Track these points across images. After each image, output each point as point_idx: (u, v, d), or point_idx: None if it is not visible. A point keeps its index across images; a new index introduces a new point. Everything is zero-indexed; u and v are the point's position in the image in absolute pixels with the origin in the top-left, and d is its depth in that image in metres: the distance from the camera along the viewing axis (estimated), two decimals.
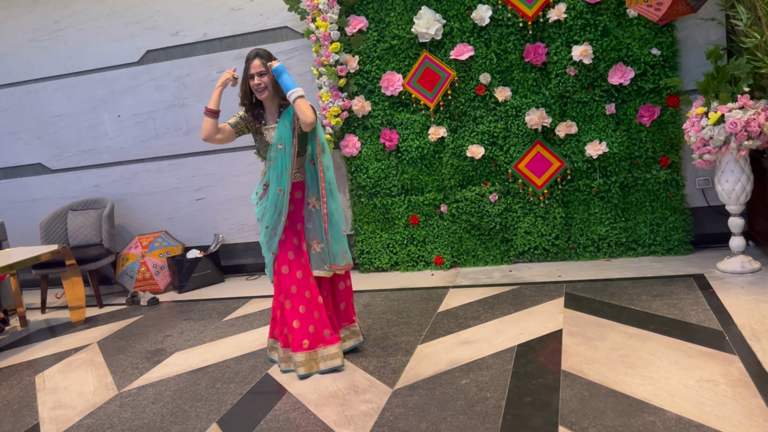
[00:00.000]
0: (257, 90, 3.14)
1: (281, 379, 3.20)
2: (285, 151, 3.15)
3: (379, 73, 4.79)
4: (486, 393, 2.76)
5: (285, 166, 3.16)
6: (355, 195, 5.02)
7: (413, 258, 4.95)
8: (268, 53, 3.17)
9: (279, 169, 3.17)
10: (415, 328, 3.67)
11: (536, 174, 4.57)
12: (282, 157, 3.16)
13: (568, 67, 4.42)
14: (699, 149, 3.83)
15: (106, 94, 5.58)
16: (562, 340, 3.21)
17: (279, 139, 3.16)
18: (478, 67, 4.59)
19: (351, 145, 4.90)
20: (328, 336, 3.20)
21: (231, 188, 5.43)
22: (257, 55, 3.14)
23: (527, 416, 2.52)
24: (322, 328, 3.20)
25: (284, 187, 3.17)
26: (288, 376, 3.22)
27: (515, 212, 4.69)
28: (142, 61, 5.45)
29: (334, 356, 3.20)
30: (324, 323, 3.21)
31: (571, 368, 2.88)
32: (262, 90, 3.14)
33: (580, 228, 4.60)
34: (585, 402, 2.56)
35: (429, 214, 4.87)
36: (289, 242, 3.24)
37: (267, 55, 3.15)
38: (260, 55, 3.14)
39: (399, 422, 2.61)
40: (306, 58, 5.01)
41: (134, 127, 5.56)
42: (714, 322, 3.19)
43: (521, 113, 4.55)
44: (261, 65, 3.12)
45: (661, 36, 4.26)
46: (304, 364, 3.17)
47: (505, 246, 4.75)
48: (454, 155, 4.73)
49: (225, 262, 5.56)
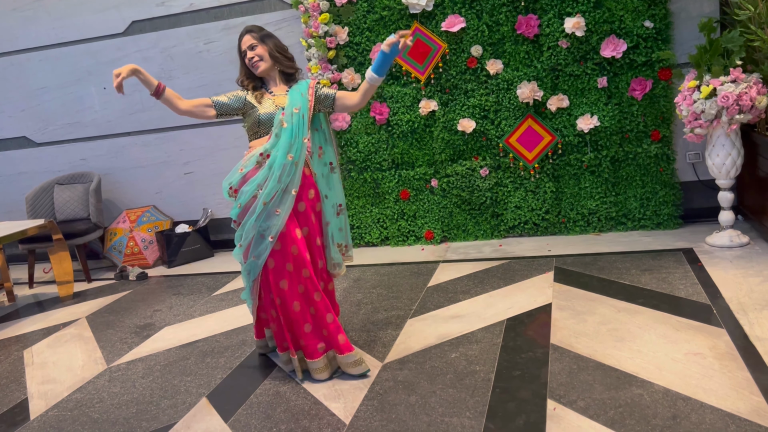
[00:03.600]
0: (253, 65, 2.92)
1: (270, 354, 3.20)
2: (303, 118, 2.88)
3: (369, 44, 4.71)
4: (475, 366, 2.77)
5: (302, 134, 2.86)
6: (345, 169, 4.98)
7: (403, 233, 4.94)
8: (258, 27, 2.99)
9: (292, 136, 2.84)
10: (405, 303, 3.67)
11: (527, 148, 4.55)
12: (298, 124, 2.86)
13: (561, 39, 4.36)
14: (690, 123, 3.81)
15: (92, 65, 5.47)
16: (552, 314, 3.22)
17: (294, 104, 2.89)
18: (469, 39, 4.53)
19: (341, 119, 4.85)
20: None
21: (219, 162, 5.37)
22: (248, 31, 2.96)
23: (516, 389, 2.54)
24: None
25: (297, 155, 2.82)
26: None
27: (506, 187, 4.67)
28: (127, 32, 5.33)
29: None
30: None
31: (560, 342, 2.89)
32: (258, 62, 2.91)
33: (571, 202, 4.59)
34: (573, 375, 2.58)
35: (419, 189, 4.85)
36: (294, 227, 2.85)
37: (257, 29, 2.97)
38: (250, 30, 2.96)
39: (388, 396, 2.62)
40: (295, 30, 4.93)
41: (120, 100, 5.47)
42: (702, 296, 3.21)
43: (513, 86, 4.50)
44: (252, 38, 2.92)
45: (654, 8, 4.21)
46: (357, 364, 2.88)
47: (495, 220, 4.75)
48: (444, 129, 4.69)
49: (214, 237, 5.53)
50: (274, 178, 2.78)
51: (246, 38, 2.93)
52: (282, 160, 2.80)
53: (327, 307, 2.85)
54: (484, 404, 2.45)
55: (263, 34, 2.96)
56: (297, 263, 2.79)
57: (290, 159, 2.81)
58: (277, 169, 2.79)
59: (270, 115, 2.89)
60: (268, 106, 2.92)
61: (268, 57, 2.93)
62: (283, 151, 2.82)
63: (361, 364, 2.83)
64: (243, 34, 2.94)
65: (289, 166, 2.81)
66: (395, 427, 2.38)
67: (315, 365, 2.83)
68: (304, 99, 2.93)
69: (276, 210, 2.77)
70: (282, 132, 2.85)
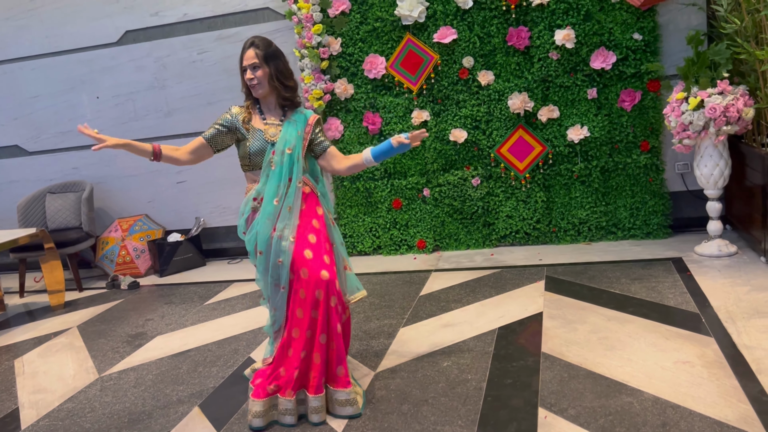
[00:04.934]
0: (251, 85, 2.68)
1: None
2: (297, 161, 2.67)
3: (362, 55, 4.75)
4: (467, 375, 2.79)
5: (292, 174, 2.66)
6: (337, 179, 5.00)
7: (396, 242, 4.96)
8: (265, 42, 2.68)
9: (281, 177, 2.65)
10: (397, 312, 3.68)
11: (518, 158, 4.59)
12: (290, 163, 2.66)
13: (551, 51, 4.42)
14: (679, 134, 3.86)
15: (85, 74, 5.48)
16: (543, 322, 3.25)
17: (287, 144, 2.66)
18: (461, 51, 4.58)
19: (334, 129, 4.88)
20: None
21: (212, 171, 5.38)
22: (252, 44, 2.66)
23: (508, 397, 2.56)
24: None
25: (290, 199, 2.64)
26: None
27: (497, 196, 4.71)
28: (121, 41, 5.35)
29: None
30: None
31: (551, 350, 2.92)
32: (256, 87, 2.67)
33: (561, 212, 4.63)
34: (564, 383, 2.60)
35: (412, 198, 4.88)
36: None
37: (264, 45, 2.67)
38: (255, 44, 2.66)
39: (381, 404, 2.63)
40: (288, 40, 4.96)
41: (113, 109, 5.48)
42: (691, 305, 3.24)
43: (504, 97, 4.55)
44: (255, 57, 2.64)
45: (643, 21, 4.28)
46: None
47: (487, 230, 4.78)
48: (437, 139, 4.73)
49: (206, 246, 5.53)
50: (262, 223, 2.62)
51: (249, 53, 2.66)
52: (269, 207, 2.63)
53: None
54: (476, 412, 2.47)
55: (269, 52, 2.67)
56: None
57: (276, 204, 2.62)
58: (265, 216, 2.62)
59: (260, 149, 2.70)
60: (258, 138, 2.71)
61: (266, 84, 2.68)
62: (270, 196, 2.63)
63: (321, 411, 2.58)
64: (247, 47, 2.67)
65: (282, 210, 2.63)
66: None
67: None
68: (300, 138, 2.70)
69: (278, 260, 2.60)
70: (271, 174, 2.66)
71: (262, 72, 2.65)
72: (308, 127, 2.74)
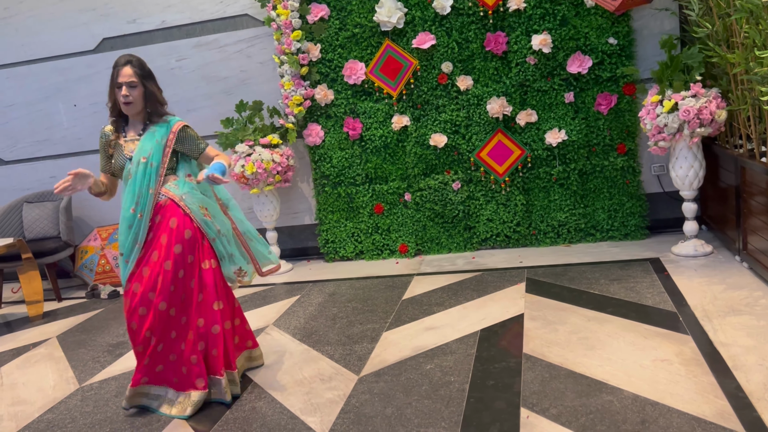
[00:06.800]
0: (124, 102, 2.75)
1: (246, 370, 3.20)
2: (151, 168, 2.78)
3: (341, 61, 4.77)
4: (450, 377, 2.81)
5: (149, 184, 2.77)
6: (319, 184, 5.01)
7: (378, 246, 4.98)
8: (141, 62, 2.80)
9: (137, 187, 2.76)
10: (380, 316, 3.70)
11: (498, 162, 4.64)
12: (144, 173, 2.77)
13: (528, 56, 4.48)
14: (654, 136, 3.93)
15: (61, 82, 5.43)
16: (524, 324, 3.28)
17: (142, 153, 2.78)
18: (440, 56, 4.62)
19: (314, 134, 4.89)
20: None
21: None
22: (128, 62, 2.75)
23: (490, 399, 2.58)
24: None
25: (145, 208, 2.76)
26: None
27: (478, 200, 4.75)
28: (98, 49, 5.31)
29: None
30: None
31: (533, 351, 2.95)
32: (130, 105, 2.76)
33: (541, 215, 4.68)
34: (546, 384, 2.63)
35: (393, 203, 4.90)
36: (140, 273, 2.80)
37: (140, 64, 2.78)
38: (132, 63, 2.75)
39: (365, 408, 2.64)
40: (267, 47, 4.96)
41: (91, 117, 5.43)
42: (669, 304, 3.30)
43: (483, 102, 4.60)
44: (133, 75, 2.73)
45: (617, 26, 4.35)
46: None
47: (468, 233, 4.81)
48: (417, 144, 4.76)
49: None
50: (125, 229, 2.79)
51: (126, 71, 2.74)
52: (125, 213, 2.79)
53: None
54: (459, 414, 2.49)
55: (145, 72, 2.80)
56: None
57: (132, 212, 2.77)
58: (127, 220, 2.78)
59: (121, 166, 2.84)
60: (119, 153, 2.84)
61: (141, 103, 2.80)
62: (127, 204, 2.78)
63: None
64: (122, 64, 2.75)
65: (137, 221, 2.77)
66: None
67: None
68: (158, 146, 2.80)
69: (126, 260, 2.81)
70: (129, 183, 2.79)
71: (138, 92, 2.76)
72: (171, 134, 2.82)
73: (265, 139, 4.71)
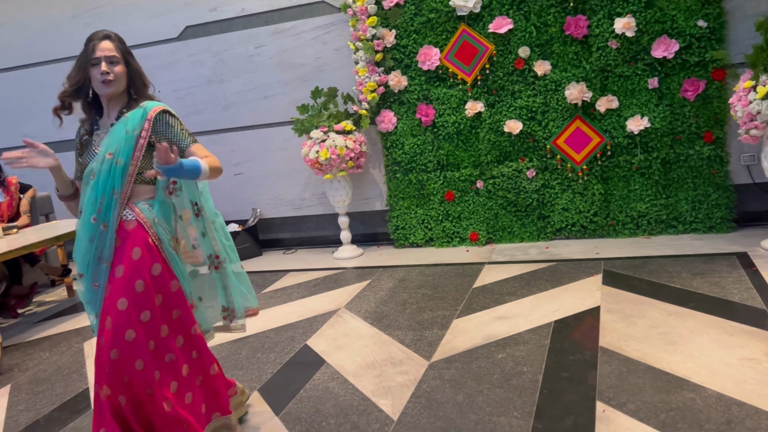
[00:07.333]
0: (102, 82, 2.18)
1: (319, 350, 3.27)
2: (117, 165, 2.16)
3: (416, 47, 4.75)
4: (522, 367, 2.77)
5: (114, 186, 2.14)
6: (390, 171, 5.03)
7: (448, 234, 4.96)
8: (120, 37, 2.26)
9: (101, 190, 2.14)
10: (450, 303, 3.69)
11: (575, 149, 4.51)
12: (110, 173, 2.15)
13: (610, 40, 4.32)
14: (745, 124, 3.72)
15: (145, 70, 5.64)
16: (600, 316, 3.19)
17: (109, 147, 2.16)
18: (517, 41, 4.52)
19: (387, 121, 4.90)
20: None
21: (268, 163, 5.49)
22: (107, 36, 2.21)
23: (564, 390, 2.53)
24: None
25: (109, 217, 2.14)
26: (327, 347, 3.28)
27: (553, 188, 4.64)
28: (180, 36, 5.51)
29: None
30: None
31: (609, 344, 2.87)
32: (109, 84, 2.18)
33: (620, 205, 4.53)
34: (623, 378, 2.56)
35: (464, 190, 4.86)
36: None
37: (120, 39, 2.25)
38: (112, 37, 2.21)
39: (436, 394, 2.64)
40: (343, 33, 5.00)
41: (173, 103, 5.64)
42: (757, 301, 3.13)
43: (561, 87, 4.47)
44: (114, 49, 2.19)
45: (707, 7, 4.13)
46: None
47: (541, 222, 4.72)
48: (491, 130, 4.69)
49: (263, 236, 5.65)
50: (84, 243, 2.18)
51: (105, 44, 2.19)
52: (88, 221, 2.17)
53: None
54: (532, 404, 2.46)
55: (126, 48, 2.26)
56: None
57: (94, 222, 2.16)
58: (86, 230, 2.17)
59: (84, 163, 2.27)
60: (88, 152, 2.27)
61: (123, 81, 2.23)
62: (88, 212, 2.17)
63: None
64: (101, 39, 2.20)
65: (100, 231, 2.16)
66: (443, 425, 2.41)
67: None
68: (129, 137, 2.16)
69: (95, 284, 2.20)
70: (91, 184, 2.18)
71: (121, 68, 2.21)
72: (146, 122, 2.17)
73: (339, 126, 4.77)
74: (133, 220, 2.18)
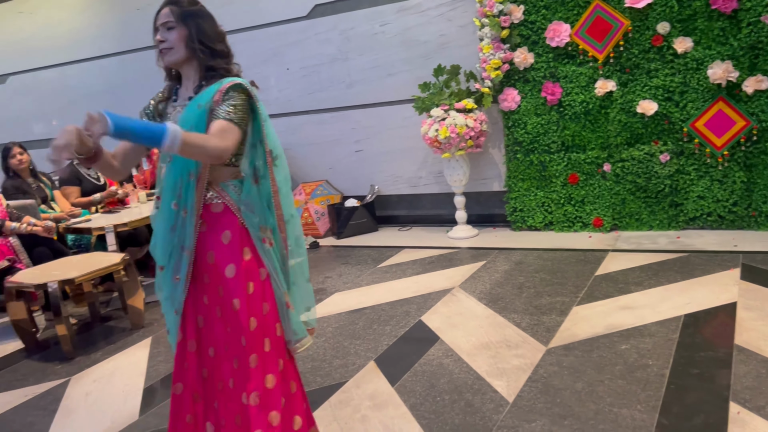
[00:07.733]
0: (160, 50, 1.94)
1: (433, 327, 3.29)
2: None
3: (544, 23, 4.59)
4: (648, 360, 2.64)
5: (190, 168, 1.91)
6: (511, 151, 4.92)
7: (570, 218, 4.79)
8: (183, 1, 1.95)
9: (178, 173, 1.92)
10: (570, 290, 3.57)
11: (716, 133, 4.18)
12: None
13: (764, 14, 3.93)
14: None
15: (277, 47, 5.88)
16: (736, 313, 2.97)
17: (184, 124, 1.85)
18: (656, 16, 4.24)
19: (510, 99, 4.79)
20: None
21: (387, 141, 5.56)
22: (167, 2, 1.95)
23: (693, 387, 2.39)
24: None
25: (188, 202, 1.91)
26: (441, 324, 3.30)
27: (688, 174, 4.34)
28: (310, 15, 5.66)
29: None
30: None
31: (746, 343, 2.67)
32: (167, 53, 1.93)
33: (764, 195, 4.16)
34: (762, 380, 2.37)
35: (590, 173, 4.66)
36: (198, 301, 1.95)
37: (183, 3, 1.94)
38: (174, 2, 1.94)
39: (553, 380, 2.59)
40: (468, 9, 4.93)
41: (301, 80, 5.84)
42: None
43: (703, 66, 4.15)
44: (169, 14, 1.92)
45: None
46: None
47: (673, 210, 4.43)
48: (622, 111, 4.45)
49: (379, 212, 5.75)
50: (163, 232, 1.98)
51: (163, 11, 1.94)
52: (166, 211, 1.96)
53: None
54: (657, 399, 2.34)
55: (190, 10, 1.94)
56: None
57: (174, 208, 1.94)
58: (166, 219, 1.96)
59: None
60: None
61: (182, 47, 1.92)
62: (167, 197, 1.96)
63: None
64: (162, 6, 1.96)
65: (181, 218, 1.94)
66: (560, 411, 2.35)
67: None
68: (201, 113, 1.88)
69: (176, 277, 1.96)
70: (168, 168, 1.96)
71: (178, 34, 1.92)
72: (217, 94, 1.89)
73: (460, 104, 4.72)
74: (220, 203, 1.93)
